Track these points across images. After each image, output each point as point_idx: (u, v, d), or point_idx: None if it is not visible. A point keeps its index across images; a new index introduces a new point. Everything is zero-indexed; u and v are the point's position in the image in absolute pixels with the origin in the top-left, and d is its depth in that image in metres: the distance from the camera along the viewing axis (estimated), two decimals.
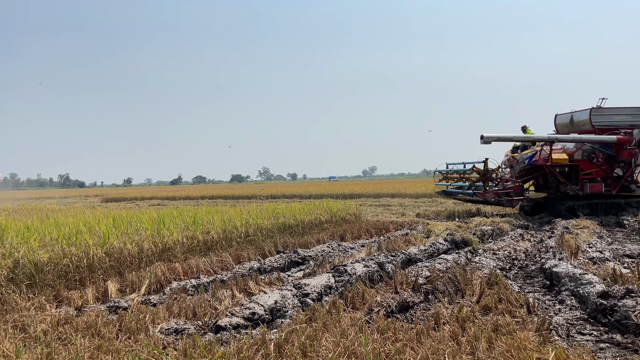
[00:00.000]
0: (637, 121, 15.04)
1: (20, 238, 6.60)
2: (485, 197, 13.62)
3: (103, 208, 16.94)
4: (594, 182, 14.58)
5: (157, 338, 3.91)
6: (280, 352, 3.43)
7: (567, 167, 14.64)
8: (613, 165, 14.72)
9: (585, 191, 14.42)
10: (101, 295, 5.58)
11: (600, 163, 14.59)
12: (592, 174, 14.68)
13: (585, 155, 14.76)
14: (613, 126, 14.78)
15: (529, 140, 14.55)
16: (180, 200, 30.17)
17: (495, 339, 3.67)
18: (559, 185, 14.71)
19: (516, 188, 14.15)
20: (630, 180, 15.22)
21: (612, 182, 14.87)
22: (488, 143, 12.94)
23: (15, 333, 3.99)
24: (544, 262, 6.85)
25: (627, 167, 14.83)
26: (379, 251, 8.12)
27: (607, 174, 14.75)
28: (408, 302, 5.12)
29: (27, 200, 35.17)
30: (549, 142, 14.15)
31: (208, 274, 6.73)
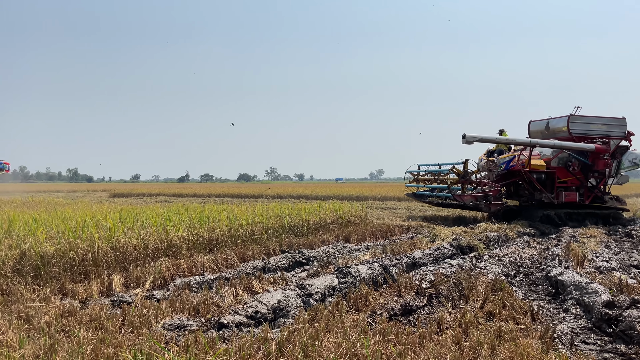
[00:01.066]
0: (612, 131, 14.82)
1: (28, 230, 6.65)
2: (464, 200, 13.20)
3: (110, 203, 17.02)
4: (569, 191, 14.30)
5: (159, 333, 3.92)
6: (282, 351, 3.43)
7: (544, 174, 14.31)
8: (588, 174, 14.50)
9: (561, 200, 14.10)
10: (105, 289, 5.61)
11: (576, 172, 14.33)
12: (568, 183, 14.41)
13: (561, 162, 14.48)
14: (589, 135, 14.49)
15: (511, 143, 14.13)
16: (187, 198, 30.28)
17: (498, 345, 3.65)
18: (533, 192, 14.29)
19: (495, 192, 13.70)
20: (603, 190, 15.02)
21: (586, 192, 14.63)
22: (470, 143, 12.49)
23: (19, 324, 4.02)
24: (550, 270, 6.81)
25: (601, 178, 14.63)
26: (384, 254, 8.10)
27: (582, 183, 14.51)
28: (411, 305, 5.10)
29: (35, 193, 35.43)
30: (530, 147, 13.76)
31: (212, 271, 6.74)
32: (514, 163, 14.07)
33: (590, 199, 14.69)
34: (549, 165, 14.20)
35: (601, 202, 14.84)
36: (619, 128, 14.88)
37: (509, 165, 14.21)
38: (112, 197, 33.51)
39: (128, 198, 31.19)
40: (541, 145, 13.59)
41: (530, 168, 13.73)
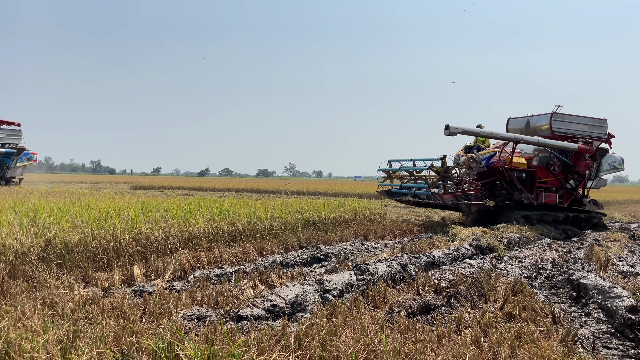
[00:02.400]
0: (593, 132, 14.28)
1: (53, 219, 6.78)
2: (444, 199, 12.30)
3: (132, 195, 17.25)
4: (550, 192, 13.71)
5: (179, 323, 3.97)
6: (300, 345, 3.45)
7: (525, 173, 13.61)
8: (568, 175, 13.99)
9: (540, 201, 13.42)
10: (127, 278, 5.70)
11: (557, 172, 13.72)
12: (548, 183, 13.81)
13: (543, 161, 13.74)
14: (571, 134, 13.95)
15: (496, 137, 13.15)
16: (207, 191, 30.55)
17: (518, 347, 3.61)
18: (512, 192, 13.57)
19: (476, 191, 12.81)
20: (582, 193, 14.46)
21: (565, 194, 14.10)
22: (453, 135, 11.66)
23: (44, 310, 4.11)
24: (572, 273, 6.71)
25: (581, 180, 14.15)
26: (402, 252, 8.07)
27: (562, 184, 13.97)
28: (430, 304, 5.07)
29: (59, 183, 36.14)
30: (514, 143, 12.98)
31: (231, 264, 6.80)
32: (495, 160, 13.25)
33: (569, 201, 14.10)
34: (530, 163, 13.47)
35: (580, 205, 14.28)
36: (600, 129, 14.38)
37: (489, 162, 13.38)
38: (134, 189, 33.99)
39: (149, 190, 31.59)
40: (525, 142, 12.85)
41: (511, 166, 13.00)
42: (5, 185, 23.18)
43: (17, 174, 25.71)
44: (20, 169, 25.81)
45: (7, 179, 24.71)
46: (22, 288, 4.73)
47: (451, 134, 11.52)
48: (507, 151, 13.15)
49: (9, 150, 24.24)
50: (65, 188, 20.89)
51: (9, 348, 3.08)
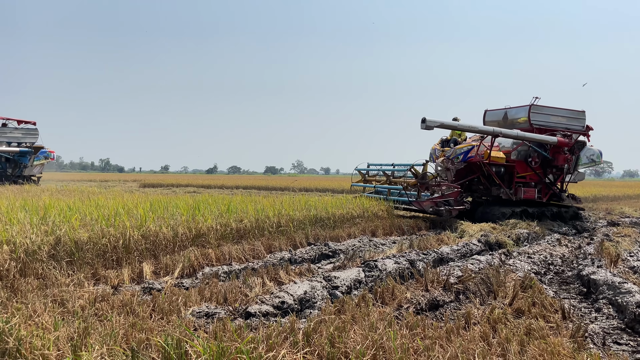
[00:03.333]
0: (572, 125, 13.97)
1: (62, 217, 6.83)
2: (422, 206, 11.46)
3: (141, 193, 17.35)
4: (529, 187, 13.30)
5: (188, 320, 3.99)
6: (309, 341, 3.45)
7: (503, 168, 13.17)
8: (546, 170, 13.66)
9: (519, 196, 12.97)
10: (136, 276, 5.73)
11: (535, 166, 13.33)
12: (527, 178, 13.42)
13: (521, 156, 13.38)
14: (550, 127, 13.59)
15: (475, 131, 12.55)
16: (215, 189, 30.64)
17: (528, 343, 3.59)
18: (490, 188, 13.15)
19: (455, 194, 12.00)
20: (560, 187, 14.18)
21: (544, 189, 13.77)
22: (430, 129, 11.05)
23: (54, 307, 4.14)
24: (582, 268, 6.66)
25: (559, 174, 13.87)
26: (411, 249, 8.05)
27: (541, 179, 13.64)
28: (438, 300, 5.07)
29: (69, 181, 36.40)
30: (493, 136, 12.43)
31: (240, 261, 6.82)
32: (473, 154, 12.66)
33: (547, 196, 13.83)
34: (508, 158, 13.06)
35: (558, 200, 14.00)
36: (578, 121, 14.08)
37: (466, 156, 12.78)
38: (143, 187, 34.16)
39: (158, 188, 31.75)
40: (504, 135, 12.28)
41: (490, 160, 12.55)
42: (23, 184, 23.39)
43: (35, 172, 25.97)
44: (38, 167, 26.05)
45: (25, 177, 24.95)
46: (33, 286, 4.77)
47: (428, 128, 10.96)
48: (485, 145, 12.68)
49: (24, 149, 24.46)
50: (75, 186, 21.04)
51: (21, 345, 3.11)
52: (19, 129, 25.07)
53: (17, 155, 24.33)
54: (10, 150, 24.08)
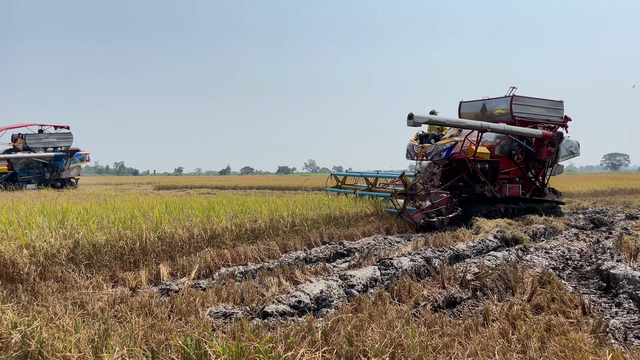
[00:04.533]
0: (551, 116, 13.40)
1: (80, 220, 6.91)
2: (414, 219, 10.51)
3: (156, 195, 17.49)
4: (513, 183, 12.72)
5: (206, 320, 4.01)
6: (327, 340, 3.46)
7: (487, 164, 12.50)
8: (529, 164, 13.11)
9: (504, 193, 12.37)
10: (154, 277, 5.79)
11: (519, 161, 12.73)
12: (510, 174, 12.82)
13: (505, 150, 12.70)
14: (531, 119, 12.96)
15: (462, 126, 11.75)
16: (228, 190, 30.78)
17: (548, 339, 3.55)
18: (473, 185, 12.38)
19: (445, 201, 11.08)
20: (542, 182, 13.64)
21: (526, 184, 13.25)
22: (417, 125, 10.31)
23: (74, 309, 4.20)
24: (601, 263, 6.57)
25: (541, 168, 13.35)
26: (426, 246, 8.02)
27: (524, 174, 13.09)
28: (455, 297, 5.03)
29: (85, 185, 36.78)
30: (480, 131, 11.51)
31: (255, 261, 6.84)
32: (456, 150, 11.85)
33: (530, 191, 13.32)
34: (492, 153, 12.39)
35: (541, 195, 13.48)
36: (557, 112, 13.58)
37: (450, 153, 11.98)
38: (157, 189, 34.43)
39: (172, 190, 31.97)
40: (492, 130, 11.55)
41: (475, 157, 11.79)
42: (62, 187, 24.13)
43: (73, 175, 26.66)
44: (75, 170, 26.74)
45: (64, 180, 25.67)
46: (53, 289, 4.84)
47: (415, 125, 10.27)
48: (470, 140, 11.90)
49: (59, 153, 25.11)
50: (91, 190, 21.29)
51: (42, 347, 3.15)
52: (54, 134, 25.73)
53: (53, 160, 25.01)
54: (45, 156, 24.79)
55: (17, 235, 5.62)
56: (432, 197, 10.91)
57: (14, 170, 24.41)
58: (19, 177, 24.43)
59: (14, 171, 24.44)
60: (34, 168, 25.09)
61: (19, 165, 24.70)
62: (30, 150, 24.90)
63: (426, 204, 10.77)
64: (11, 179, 24.22)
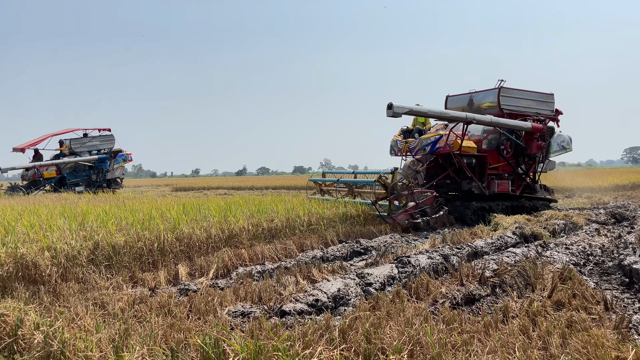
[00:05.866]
0: (541, 109, 12.78)
1: (99, 222, 7.01)
2: (398, 221, 9.77)
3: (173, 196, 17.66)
4: (502, 179, 12.03)
5: (225, 320, 4.04)
6: (345, 338, 3.45)
7: (474, 159, 11.73)
8: (518, 159, 12.48)
9: (493, 190, 11.67)
10: (172, 277, 5.84)
11: (508, 156, 12.08)
12: (499, 169, 12.14)
13: (493, 144, 12.03)
14: (520, 112, 12.38)
15: (445, 118, 10.99)
16: (245, 190, 30.92)
17: (570, 335, 3.50)
18: (460, 182, 11.69)
19: (431, 201, 10.36)
20: (533, 178, 13.01)
21: (516, 180, 12.59)
22: (397, 116, 9.60)
23: (95, 310, 4.26)
24: (623, 258, 6.45)
25: (531, 163, 12.72)
26: (444, 243, 7.96)
27: (513, 169, 12.45)
28: (474, 294, 4.98)
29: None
30: (465, 123, 10.86)
31: (272, 260, 6.86)
32: (441, 145, 11.26)
33: (521, 188, 12.66)
34: (479, 147, 11.65)
35: (532, 192, 12.85)
36: (547, 105, 13.01)
37: (434, 147, 11.34)
38: (175, 191, 34.75)
39: (189, 192, 32.24)
40: (478, 121, 10.90)
41: (461, 151, 11.09)
42: (107, 187, 25.06)
43: (118, 175, 27.41)
44: (119, 170, 27.45)
45: (109, 181, 26.50)
46: (74, 290, 4.92)
47: (395, 115, 9.59)
48: (455, 133, 11.30)
49: (101, 155, 25.88)
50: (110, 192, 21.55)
51: (64, 348, 3.20)
52: (97, 137, 26.56)
53: (98, 162, 25.82)
54: (89, 159, 25.62)
55: (39, 237, 5.72)
56: (415, 196, 10.25)
57: (62, 174, 25.40)
58: (67, 181, 25.39)
59: (63, 175, 25.42)
60: (81, 171, 26.00)
61: (67, 169, 25.62)
62: (75, 155, 25.84)
63: (409, 205, 10.19)
64: (60, 182, 25.27)
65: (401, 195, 10.16)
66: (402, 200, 10.22)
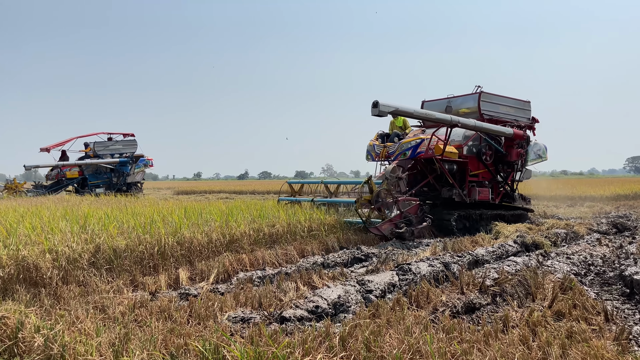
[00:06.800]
0: (519, 116, 12.63)
1: (101, 225, 7.02)
2: (382, 231, 9.20)
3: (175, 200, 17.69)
4: (483, 187, 11.58)
5: (224, 325, 4.04)
6: (344, 346, 3.45)
7: (455, 165, 11.35)
8: (498, 167, 12.19)
9: (474, 197, 11.18)
10: (173, 282, 5.84)
11: (488, 163, 11.70)
12: (479, 176, 11.75)
13: (474, 150, 11.65)
14: (500, 118, 12.12)
15: (431, 119, 10.08)
16: (246, 194, 30.96)
17: (570, 346, 3.49)
18: (440, 189, 11.15)
19: (414, 209, 9.78)
20: (511, 186, 12.73)
21: (495, 188, 12.23)
22: (383, 115, 8.99)
23: (95, 313, 4.27)
24: (624, 269, 6.44)
25: (510, 171, 12.45)
26: (444, 251, 7.96)
27: (493, 176, 12.08)
28: (474, 303, 4.98)
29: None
30: (449, 126, 10.33)
31: (273, 266, 6.87)
32: (423, 149, 10.67)
33: (500, 196, 12.28)
34: (460, 153, 11.25)
35: (510, 201, 12.51)
36: (525, 113, 12.83)
37: (415, 151, 10.75)
38: (176, 194, 34.79)
39: (191, 195, 32.28)
40: (463, 125, 10.38)
41: (443, 156, 10.65)
42: (127, 191, 25.46)
43: (138, 179, 27.92)
44: (140, 174, 27.93)
45: (129, 184, 26.95)
46: (74, 293, 4.92)
47: (381, 114, 9.00)
48: (438, 137, 10.78)
49: (123, 159, 26.39)
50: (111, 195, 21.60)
51: (65, 351, 3.21)
52: (120, 141, 27.20)
53: (119, 165, 26.30)
54: (110, 162, 26.14)
55: (40, 240, 5.73)
56: (400, 204, 9.69)
57: (84, 175, 25.96)
58: (88, 182, 25.92)
59: (84, 176, 25.98)
60: (102, 173, 26.48)
61: (89, 170, 26.17)
62: (98, 157, 26.42)
63: (393, 213, 9.64)
64: (82, 183, 25.87)
65: (386, 204, 9.62)
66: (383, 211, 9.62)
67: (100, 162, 25.99)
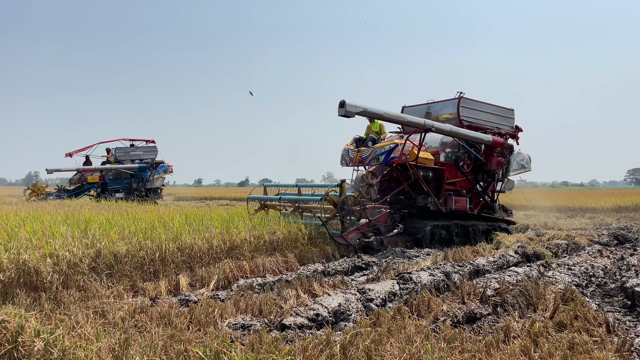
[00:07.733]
0: (502, 124, 12.15)
1: (102, 230, 7.02)
2: (348, 240, 8.71)
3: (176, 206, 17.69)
4: (460, 196, 11.14)
5: (225, 332, 4.03)
6: (345, 354, 3.44)
7: (431, 172, 10.76)
8: (477, 176, 11.72)
9: (450, 207, 10.71)
10: (173, 288, 5.83)
11: (466, 171, 11.20)
12: (457, 185, 11.23)
13: (451, 157, 11.21)
14: (480, 125, 11.71)
15: (403, 123, 9.76)
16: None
17: (571, 357, 3.48)
18: (415, 197, 10.64)
19: (384, 218, 9.44)
20: (492, 197, 12.27)
21: (474, 198, 11.77)
22: (350, 116, 8.59)
23: (96, 318, 4.25)
24: (625, 280, 6.42)
25: (490, 181, 11.98)
26: (445, 260, 7.95)
27: (472, 186, 11.59)
28: (475, 313, 4.96)
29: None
30: (423, 131, 9.93)
31: (274, 273, 6.85)
32: (396, 154, 10.25)
33: (479, 206, 11.85)
34: (437, 160, 10.75)
35: (490, 211, 12.06)
36: (507, 121, 12.43)
37: (389, 157, 10.32)
38: (177, 200, 34.79)
39: (192, 201, 32.27)
40: (437, 129, 9.94)
41: (417, 162, 10.13)
42: (146, 197, 25.77)
43: (158, 185, 27.98)
44: (159, 180, 28.03)
45: (148, 190, 27.10)
46: (75, 297, 4.91)
47: (347, 115, 8.56)
48: (412, 142, 10.38)
49: (142, 165, 26.57)
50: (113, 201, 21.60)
51: (64, 356, 3.20)
52: (141, 148, 27.49)
53: (138, 171, 26.50)
54: (130, 167, 26.34)
55: (41, 244, 5.73)
56: (368, 212, 9.31)
57: (104, 180, 26.18)
58: (108, 187, 26.12)
59: (105, 181, 26.18)
60: (122, 179, 26.68)
61: (109, 175, 26.39)
62: (119, 163, 26.64)
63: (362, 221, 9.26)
64: (102, 188, 26.07)
65: (352, 211, 9.18)
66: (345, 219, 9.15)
67: (119, 167, 26.21)
